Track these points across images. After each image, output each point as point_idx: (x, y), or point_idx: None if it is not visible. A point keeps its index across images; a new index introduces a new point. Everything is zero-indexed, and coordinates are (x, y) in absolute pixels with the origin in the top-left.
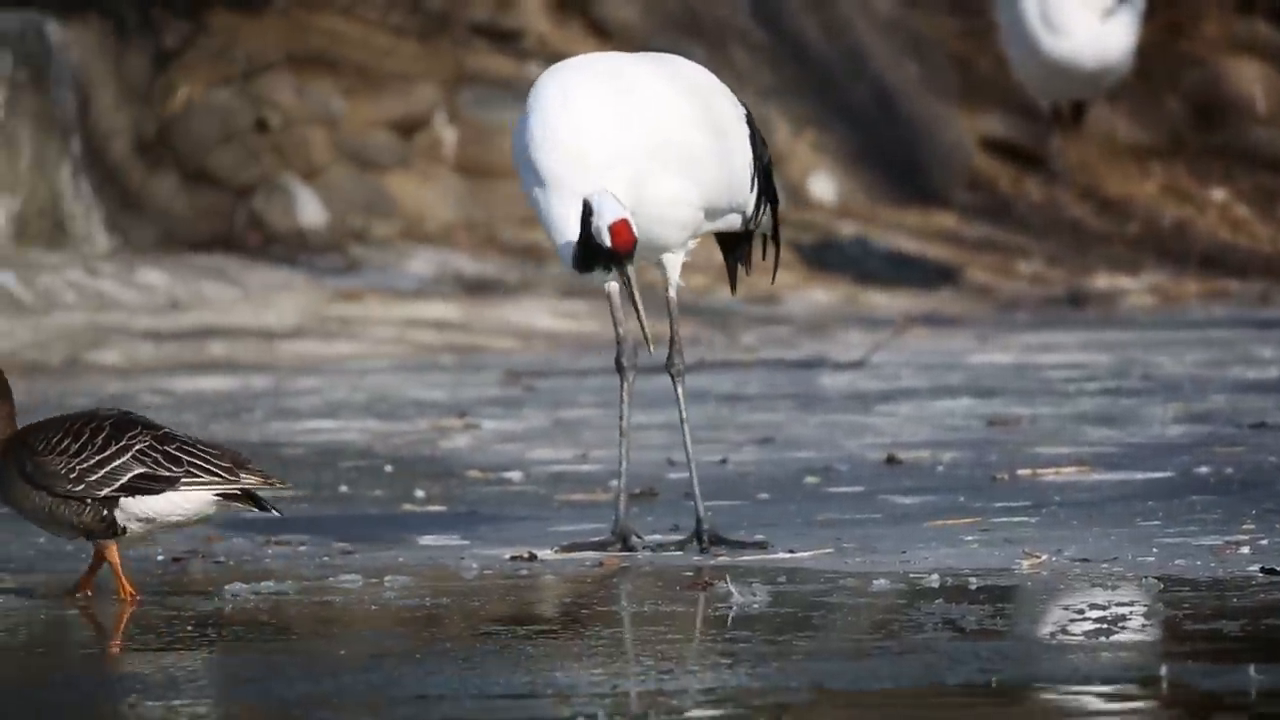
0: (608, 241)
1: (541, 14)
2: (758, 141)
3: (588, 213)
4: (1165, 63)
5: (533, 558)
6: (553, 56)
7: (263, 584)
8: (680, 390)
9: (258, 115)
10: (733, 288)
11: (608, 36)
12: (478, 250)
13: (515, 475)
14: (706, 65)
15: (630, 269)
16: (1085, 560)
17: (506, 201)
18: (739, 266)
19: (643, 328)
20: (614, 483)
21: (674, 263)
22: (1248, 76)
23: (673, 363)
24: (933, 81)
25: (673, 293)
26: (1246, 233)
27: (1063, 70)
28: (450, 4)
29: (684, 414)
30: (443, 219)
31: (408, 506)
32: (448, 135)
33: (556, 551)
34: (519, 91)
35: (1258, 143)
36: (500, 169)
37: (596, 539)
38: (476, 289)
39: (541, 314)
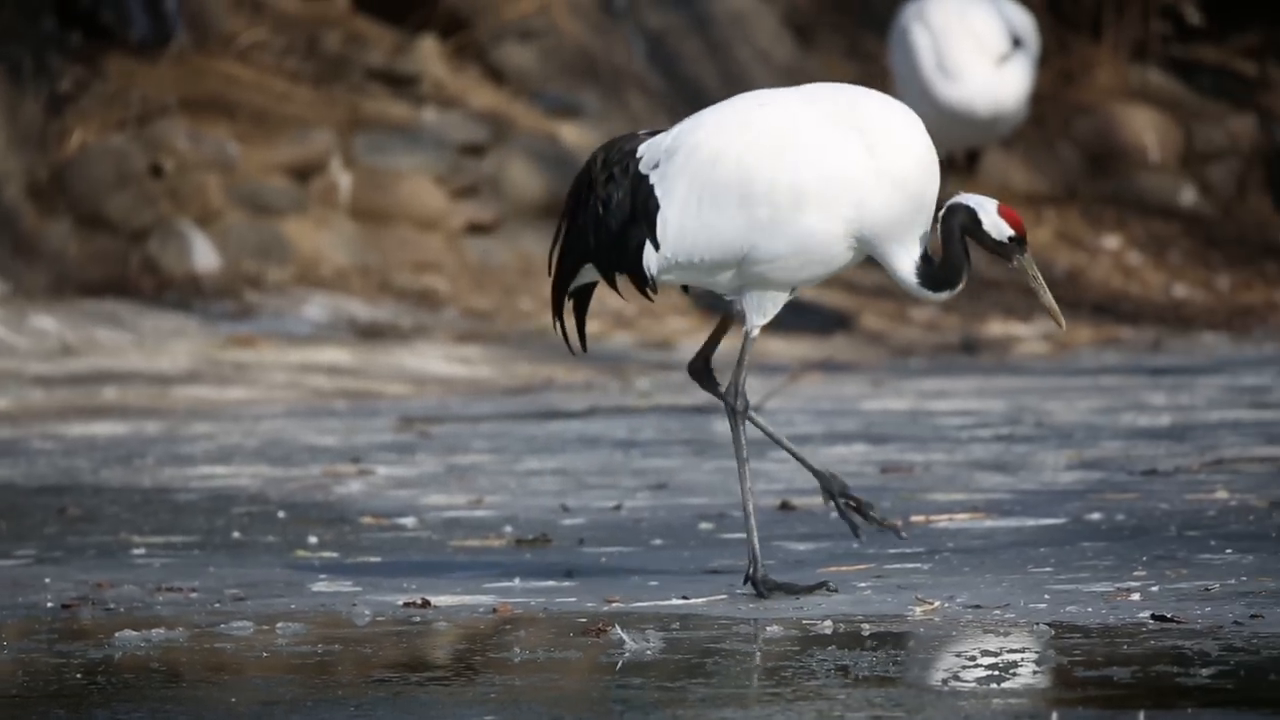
0: (1008, 230)
1: (438, 59)
2: None
3: (971, 220)
4: (1059, 110)
5: (426, 604)
6: (448, 102)
7: (153, 631)
8: (740, 429)
9: (152, 160)
10: None
11: (504, 81)
12: (372, 295)
13: (409, 521)
14: (602, 112)
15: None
16: (977, 607)
17: (401, 247)
18: None
19: (1051, 305)
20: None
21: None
22: (1140, 124)
23: (732, 400)
24: None
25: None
26: (1138, 280)
27: (957, 117)
28: (346, 49)
29: (744, 454)
30: (337, 264)
31: (300, 553)
32: (343, 180)
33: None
34: (414, 136)
35: (1150, 190)
36: (395, 214)
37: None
38: (370, 334)
39: (436, 359)
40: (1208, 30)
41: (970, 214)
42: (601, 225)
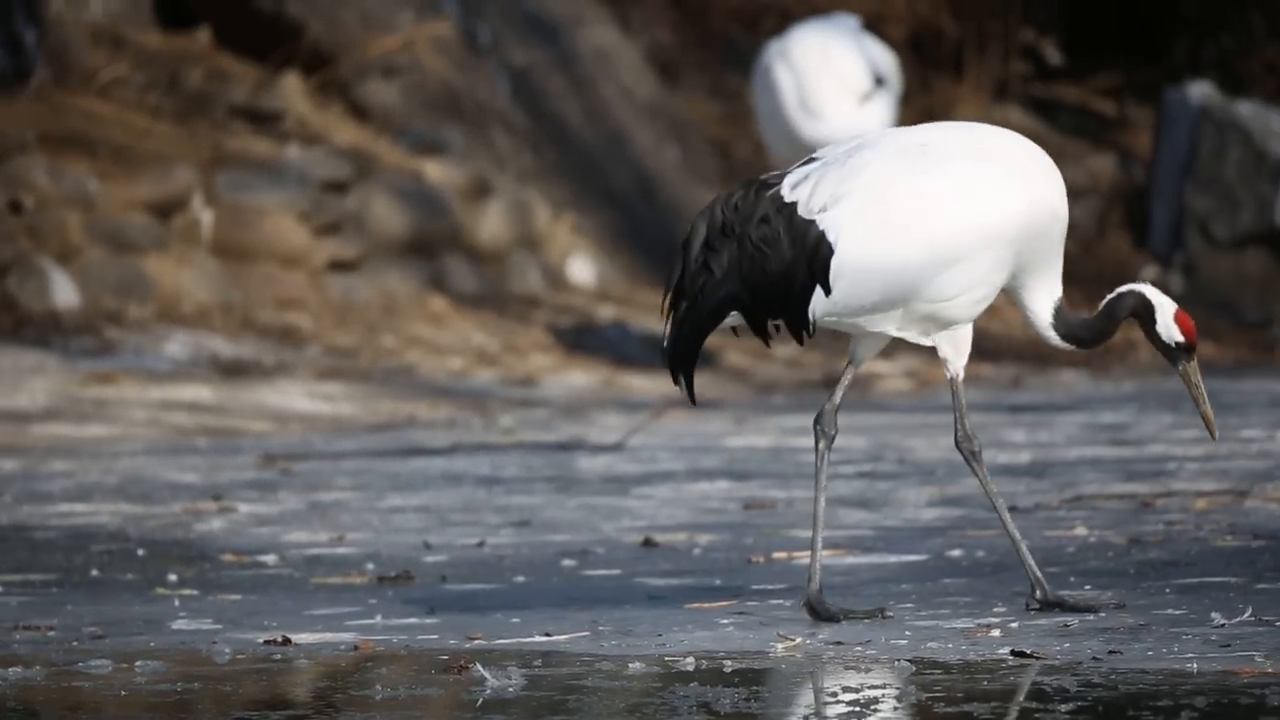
0: (1179, 337)
1: (301, 96)
2: None
3: (1145, 311)
4: None
5: (286, 641)
6: (312, 139)
7: (10, 670)
8: (977, 467)
9: (11, 196)
10: None
11: (367, 118)
12: (234, 332)
13: (270, 559)
14: (466, 149)
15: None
16: (839, 643)
17: (263, 283)
18: None
19: (1209, 416)
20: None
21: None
22: None
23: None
24: (693, 165)
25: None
26: (999, 318)
27: None
28: (208, 85)
29: (989, 487)
30: (199, 301)
31: (160, 590)
32: (205, 217)
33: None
34: (277, 173)
35: None
36: (258, 251)
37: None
38: (232, 371)
39: (298, 396)
40: (1068, 70)
41: (1147, 306)
42: (760, 271)
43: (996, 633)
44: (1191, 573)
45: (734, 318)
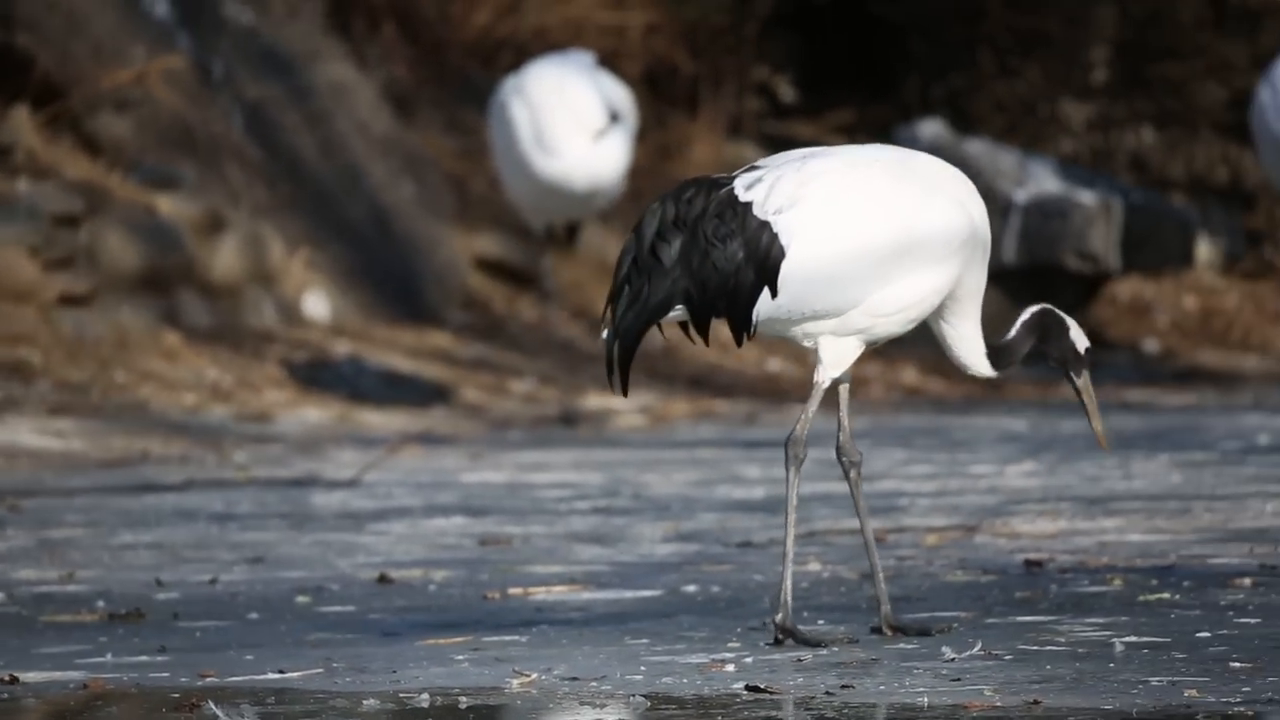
0: (1087, 343)
1: (31, 129)
2: None
3: (1059, 326)
4: (656, 185)
5: (14, 680)
6: (42, 172)
7: None
8: (855, 478)
9: None
10: None
11: (100, 152)
12: None
13: None
14: (199, 183)
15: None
16: (574, 679)
17: None
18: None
19: (1099, 429)
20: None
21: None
22: None
23: (845, 453)
24: (428, 201)
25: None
26: (733, 354)
27: (555, 191)
28: None
29: (860, 503)
30: None
31: None
32: None
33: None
34: (7, 208)
35: None
36: None
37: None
38: None
39: (27, 432)
40: (801, 107)
41: (1061, 322)
42: (711, 267)
43: (731, 667)
44: (922, 607)
45: (678, 312)
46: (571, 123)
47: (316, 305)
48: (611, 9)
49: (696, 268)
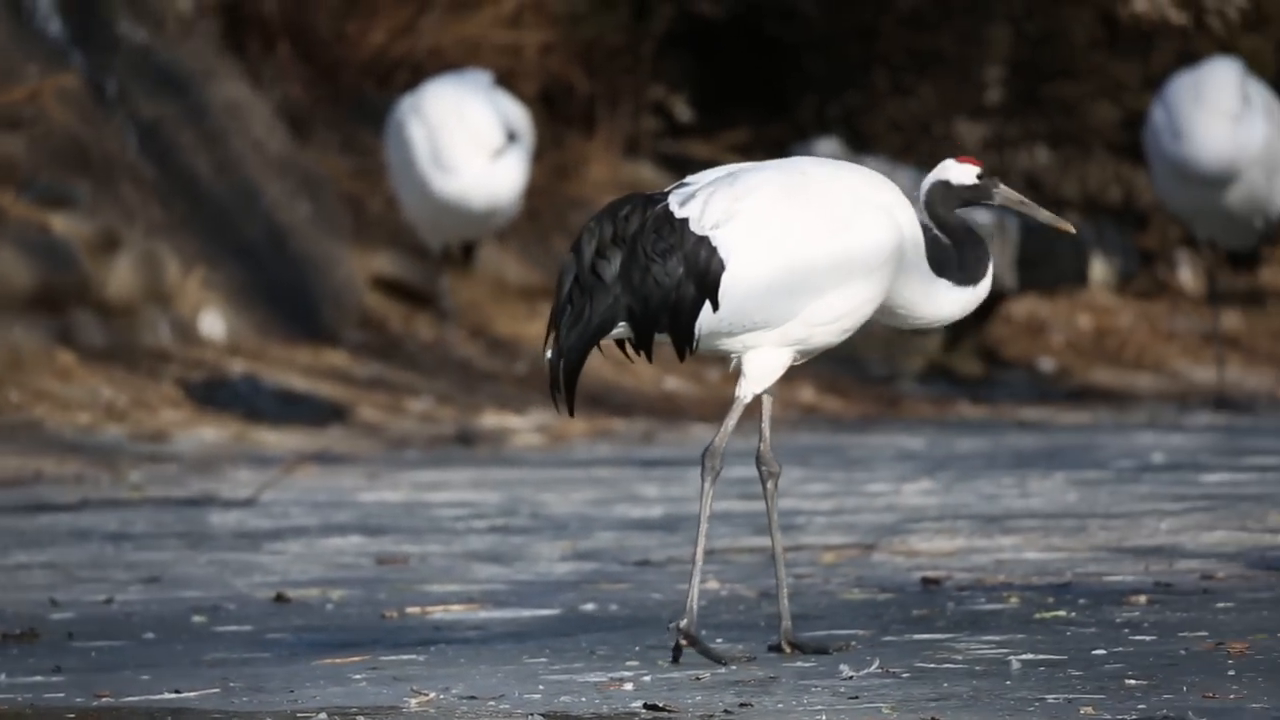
0: (973, 169)
1: None
2: None
3: (943, 190)
4: (553, 204)
5: None
6: None
7: None
8: (771, 490)
9: None
10: None
11: None
12: None
13: None
14: (93, 202)
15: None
16: (473, 698)
17: None
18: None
19: (1050, 218)
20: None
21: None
22: None
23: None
24: (324, 220)
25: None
26: (631, 373)
27: (453, 210)
28: None
29: (773, 516)
30: None
31: None
32: None
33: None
34: None
35: None
36: None
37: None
38: None
39: None
40: (698, 126)
41: (937, 188)
42: (652, 283)
43: (630, 686)
44: (820, 625)
45: (621, 329)
46: (469, 142)
47: (212, 324)
48: (507, 28)
49: (638, 284)
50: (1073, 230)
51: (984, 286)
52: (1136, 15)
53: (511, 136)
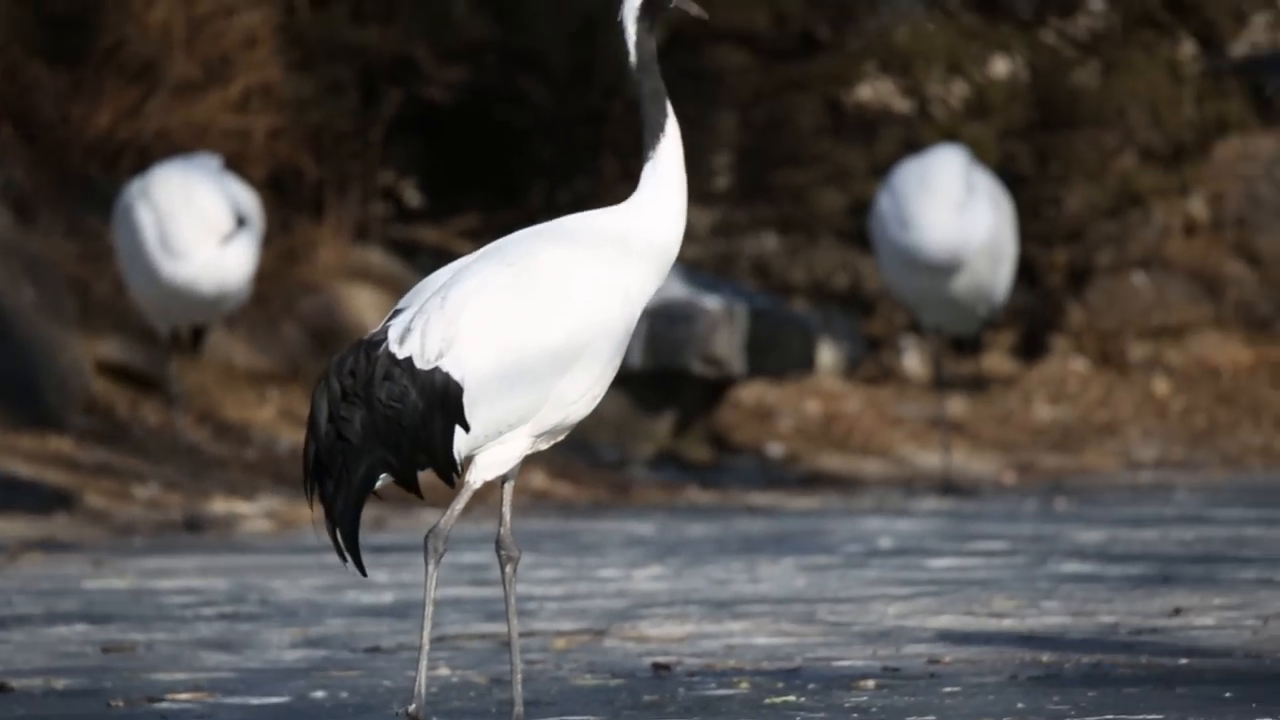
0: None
1: None
2: None
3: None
4: (282, 289)
5: None
6: None
7: None
8: (510, 574)
9: None
10: None
11: None
12: None
13: None
14: None
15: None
16: None
17: None
18: None
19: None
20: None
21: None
22: (363, 303)
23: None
24: (49, 305)
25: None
26: None
27: (181, 295)
28: None
29: (510, 600)
30: None
31: None
32: None
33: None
34: None
35: None
36: None
37: None
38: None
39: None
40: (428, 212)
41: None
42: (398, 429)
43: None
44: (552, 711)
45: (384, 480)
46: (198, 226)
47: None
48: (235, 113)
49: (385, 435)
50: (704, 15)
51: (672, 138)
52: (861, 103)
53: (241, 221)
